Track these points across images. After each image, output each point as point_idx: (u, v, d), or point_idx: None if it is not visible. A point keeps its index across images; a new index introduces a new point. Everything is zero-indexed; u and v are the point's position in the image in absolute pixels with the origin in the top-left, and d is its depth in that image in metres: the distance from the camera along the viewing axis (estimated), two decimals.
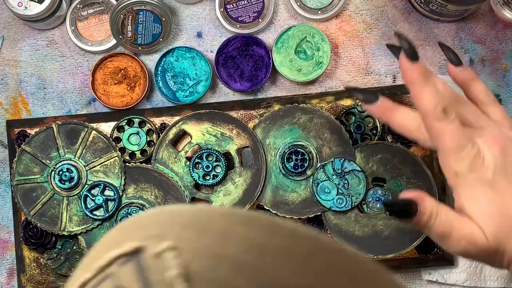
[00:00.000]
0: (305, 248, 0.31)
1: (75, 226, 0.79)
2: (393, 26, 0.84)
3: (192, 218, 0.32)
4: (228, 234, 0.31)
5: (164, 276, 0.29)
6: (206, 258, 0.29)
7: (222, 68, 0.82)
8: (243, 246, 0.30)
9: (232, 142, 0.80)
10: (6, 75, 0.84)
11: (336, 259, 0.32)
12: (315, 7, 0.83)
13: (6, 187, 0.83)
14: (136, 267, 0.30)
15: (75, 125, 0.80)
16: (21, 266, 0.80)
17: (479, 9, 0.84)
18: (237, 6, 0.82)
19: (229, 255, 0.30)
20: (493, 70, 0.83)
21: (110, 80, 0.82)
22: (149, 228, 0.31)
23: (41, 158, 0.79)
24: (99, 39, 0.84)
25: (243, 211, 0.32)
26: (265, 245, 0.30)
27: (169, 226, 0.31)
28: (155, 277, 0.29)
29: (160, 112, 0.81)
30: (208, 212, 0.32)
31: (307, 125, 0.80)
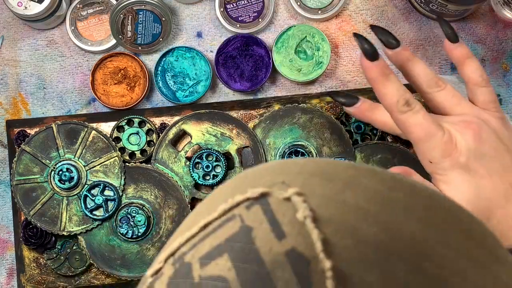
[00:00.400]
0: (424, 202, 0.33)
1: (75, 226, 0.79)
2: (393, 26, 0.84)
3: (317, 168, 0.33)
4: (353, 183, 0.32)
5: (294, 217, 0.30)
6: (332, 203, 0.31)
7: (222, 68, 0.82)
8: (367, 195, 0.32)
9: (232, 142, 0.80)
10: (5, 75, 0.84)
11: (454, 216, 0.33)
12: (315, 7, 0.83)
13: (6, 187, 0.83)
14: (263, 209, 0.31)
15: (75, 125, 0.80)
16: (21, 266, 0.80)
17: (479, 9, 0.84)
18: (237, 6, 0.82)
19: (353, 202, 0.31)
20: (493, 70, 0.83)
21: (110, 80, 0.82)
22: (273, 176, 0.33)
23: (41, 158, 0.79)
24: (99, 39, 0.84)
25: (367, 165, 0.34)
26: (387, 197, 0.32)
27: (294, 174, 0.33)
28: (284, 218, 0.31)
29: (160, 112, 0.81)
30: (333, 164, 0.34)
31: (307, 125, 0.79)
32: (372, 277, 0.29)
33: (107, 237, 0.79)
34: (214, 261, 0.31)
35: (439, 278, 0.30)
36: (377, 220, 0.31)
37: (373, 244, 0.30)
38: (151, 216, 0.80)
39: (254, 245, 0.30)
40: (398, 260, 0.30)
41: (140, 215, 0.79)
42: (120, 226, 0.79)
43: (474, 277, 0.32)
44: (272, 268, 0.29)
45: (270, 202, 0.32)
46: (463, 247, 0.32)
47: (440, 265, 0.31)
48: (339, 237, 0.30)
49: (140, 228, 0.79)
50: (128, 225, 0.79)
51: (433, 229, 0.32)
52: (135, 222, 0.79)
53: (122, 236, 0.79)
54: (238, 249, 0.31)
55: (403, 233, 0.31)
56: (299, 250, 0.30)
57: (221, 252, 0.31)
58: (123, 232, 0.79)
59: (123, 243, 0.79)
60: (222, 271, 0.30)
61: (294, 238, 0.30)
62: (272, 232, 0.31)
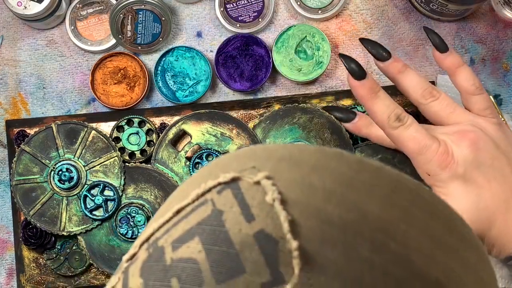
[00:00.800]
0: (389, 184, 0.34)
1: (75, 226, 0.79)
2: (393, 26, 0.84)
3: (286, 153, 0.34)
4: (320, 167, 0.33)
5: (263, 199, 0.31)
6: (299, 186, 0.32)
7: (222, 68, 0.82)
8: (333, 177, 0.33)
9: (232, 142, 0.79)
10: (5, 75, 0.84)
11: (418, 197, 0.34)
12: (315, 6, 0.82)
13: (6, 187, 0.83)
14: (233, 193, 0.32)
15: (74, 125, 0.80)
16: (21, 266, 0.80)
17: (480, 9, 0.84)
18: (237, 6, 0.82)
19: (320, 184, 0.32)
20: (493, 70, 0.83)
21: (109, 80, 0.82)
22: (244, 162, 0.34)
23: (40, 158, 0.79)
24: (99, 38, 0.84)
25: (334, 149, 0.35)
26: (354, 178, 0.33)
27: (264, 159, 0.34)
28: (253, 201, 0.32)
29: (159, 112, 0.81)
30: (301, 148, 0.35)
31: (307, 125, 0.79)
32: (335, 254, 0.30)
33: (107, 237, 0.79)
34: (185, 244, 0.32)
35: (402, 257, 0.31)
36: (343, 201, 0.32)
37: (338, 224, 0.31)
38: (151, 216, 0.79)
39: (224, 227, 0.31)
40: (362, 238, 0.31)
41: (140, 215, 0.79)
42: (120, 226, 0.79)
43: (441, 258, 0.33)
44: (241, 249, 0.30)
45: (241, 186, 0.33)
46: (427, 227, 0.33)
47: (403, 244, 0.32)
48: (305, 218, 0.31)
49: (140, 228, 0.79)
50: (128, 225, 0.79)
51: (397, 209, 0.33)
52: (135, 222, 0.79)
53: (122, 236, 0.79)
54: (208, 232, 0.32)
55: (367, 213, 0.32)
56: (267, 231, 0.31)
57: (193, 235, 0.32)
58: (123, 232, 0.79)
59: (123, 243, 0.79)
60: (193, 253, 0.31)
61: (263, 220, 0.31)
62: (242, 215, 0.32)
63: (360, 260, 0.31)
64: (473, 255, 0.35)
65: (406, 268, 0.31)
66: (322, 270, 0.30)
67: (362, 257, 0.31)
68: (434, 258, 0.32)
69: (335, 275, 0.30)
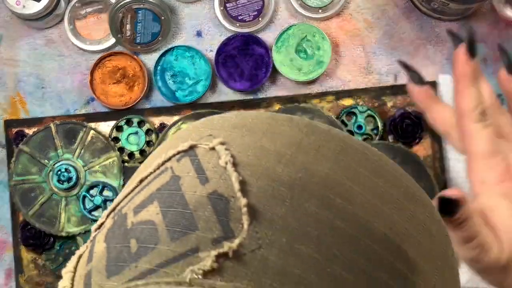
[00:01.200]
0: (336, 145, 0.36)
1: (74, 226, 0.79)
2: (394, 25, 0.83)
3: (240, 120, 0.37)
4: (271, 131, 0.36)
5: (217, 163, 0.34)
6: (251, 150, 0.35)
7: (222, 67, 0.81)
8: (283, 140, 0.35)
9: None
10: (4, 75, 0.84)
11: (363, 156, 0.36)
12: (316, 5, 0.82)
13: (4, 188, 0.83)
14: (191, 159, 0.35)
15: (73, 125, 0.79)
16: (19, 267, 0.80)
17: (481, 8, 0.83)
18: (237, 5, 0.82)
19: (271, 147, 0.35)
20: (495, 70, 0.83)
21: (108, 79, 0.82)
22: (201, 131, 0.37)
23: (39, 158, 0.79)
24: (98, 38, 0.83)
25: (285, 115, 0.37)
26: (303, 140, 0.35)
27: (219, 128, 0.37)
28: (208, 165, 0.34)
29: (159, 112, 0.81)
30: (254, 115, 0.37)
31: None
32: (283, 210, 0.32)
33: None
34: (145, 209, 0.34)
35: (347, 211, 0.33)
36: (292, 162, 0.34)
37: (287, 182, 0.33)
38: None
39: (180, 191, 0.34)
40: (309, 195, 0.33)
41: None
42: None
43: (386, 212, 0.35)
44: (195, 209, 0.33)
45: (197, 153, 0.35)
46: (371, 183, 0.35)
47: (349, 200, 0.34)
48: (255, 178, 0.33)
49: None
50: None
51: (342, 168, 0.35)
52: None
53: None
54: (166, 196, 0.34)
55: (315, 172, 0.34)
56: (220, 192, 0.33)
57: (152, 200, 0.34)
58: None
59: None
60: (151, 216, 0.33)
61: (216, 181, 0.33)
62: (197, 179, 0.34)
63: (306, 215, 0.33)
64: (420, 209, 0.36)
65: (352, 223, 0.33)
66: (270, 225, 0.32)
67: (309, 212, 0.33)
68: (379, 213, 0.34)
69: (282, 229, 0.32)
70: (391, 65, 0.83)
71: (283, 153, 0.35)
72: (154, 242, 0.33)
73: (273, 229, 0.32)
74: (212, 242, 0.32)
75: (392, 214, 0.35)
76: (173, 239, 0.32)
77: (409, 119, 0.80)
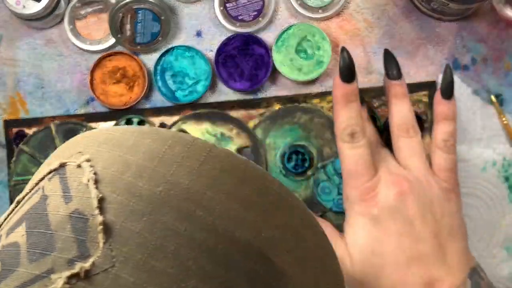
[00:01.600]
0: (201, 154, 0.35)
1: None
2: (394, 25, 0.83)
3: (108, 136, 0.37)
4: (135, 146, 0.35)
5: (80, 181, 0.34)
6: (115, 165, 0.34)
7: (222, 67, 0.81)
8: (146, 154, 0.35)
9: (232, 142, 0.79)
10: (3, 74, 0.84)
11: (228, 164, 0.36)
12: (316, 5, 0.82)
13: (4, 187, 0.83)
14: (60, 178, 0.35)
15: (73, 125, 0.79)
16: None
17: (481, 8, 0.83)
18: (237, 5, 0.82)
19: (134, 162, 0.34)
20: (495, 70, 0.83)
21: (108, 79, 0.82)
22: (73, 148, 0.37)
23: (39, 158, 0.79)
24: (98, 38, 0.83)
25: (153, 128, 0.37)
26: (166, 153, 0.35)
27: (89, 144, 0.36)
28: (73, 183, 0.34)
29: (159, 112, 0.81)
30: (123, 130, 0.37)
31: (307, 125, 0.79)
32: (140, 226, 0.32)
33: None
34: (15, 230, 0.34)
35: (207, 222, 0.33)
36: (153, 176, 0.34)
37: (146, 197, 0.33)
38: None
39: (46, 211, 0.33)
40: (168, 208, 0.33)
41: None
42: None
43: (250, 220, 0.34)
44: (56, 229, 0.32)
45: (66, 171, 0.35)
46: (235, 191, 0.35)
47: (208, 210, 0.33)
48: (116, 194, 0.33)
49: None
50: None
51: (205, 178, 0.34)
52: None
53: None
54: (33, 217, 0.34)
55: (176, 185, 0.34)
56: (80, 210, 0.33)
57: (21, 221, 0.34)
58: None
59: None
60: (17, 238, 0.33)
61: (79, 200, 0.33)
62: (62, 198, 0.34)
63: (164, 229, 0.32)
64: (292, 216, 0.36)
65: (211, 233, 0.33)
66: (125, 242, 0.32)
67: (167, 226, 0.32)
68: (242, 221, 0.34)
69: (138, 245, 0.32)
70: None
71: (145, 166, 0.34)
72: (15, 265, 0.33)
73: (128, 246, 0.32)
74: (68, 262, 0.31)
75: (257, 221, 0.34)
76: (31, 261, 0.32)
77: None
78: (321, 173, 0.78)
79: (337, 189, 0.78)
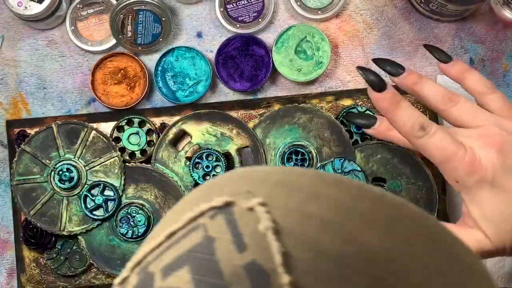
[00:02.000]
0: (390, 213, 0.32)
1: (75, 226, 0.79)
2: (393, 26, 0.84)
3: (282, 177, 0.33)
4: (317, 194, 0.32)
5: (255, 228, 0.30)
6: (295, 215, 0.30)
7: (222, 68, 0.82)
8: (331, 206, 0.31)
9: (232, 142, 0.80)
10: (5, 75, 0.84)
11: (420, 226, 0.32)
12: (315, 7, 0.83)
13: (6, 187, 0.83)
14: (226, 219, 0.31)
15: (75, 125, 0.80)
16: (21, 266, 0.80)
17: (479, 9, 0.84)
18: (237, 6, 0.82)
19: (317, 213, 0.31)
20: (493, 70, 0.83)
21: (110, 80, 0.82)
22: (239, 185, 0.33)
23: (40, 158, 0.79)
24: (99, 39, 0.84)
25: (332, 174, 0.34)
26: (353, 207, 0.31)
27: (259, 184, 0.32)
28: (246, 228, 0.30)
29: (160, 112, 0.81)
30: (299, 173, 0.33)
31: (307, 125, 0.79)
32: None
33: (107, 237, 0.79)
34: (175, 272, 0.31)
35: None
36: (340, 231, 0.30)
37: (334, 257, 0.30)
38: (151, 216, 0.80)
39: (214, 256, 0.30)
40: (360, 273, 0.29)
41: (140, 215, 0.79)
42: (120, 226, 0.79)
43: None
44: (231, 282, 0.29)
45: (234, 212, 0.31)
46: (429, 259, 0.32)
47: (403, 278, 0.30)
48: (299, 250, 0.30)
49: (140, 228, 0.79)
50: (128, 225, 0.79)
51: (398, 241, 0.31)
52: (135, 222, 0.79)
53: (122, 236, 0.79)
54: (199, 261, 0.30)
55: (366, 246, 0.30)
56: (258, 263, 0.29)
57: (183, 263, 0.31)
58: (123, 232, 0.79)
59: (123, 243, 0.79)
60: (181, 283, 0.30)
61: (255, 250, 0.30)
62: (234, 244, 0.30)
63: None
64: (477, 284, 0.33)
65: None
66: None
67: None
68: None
69: None
70: None
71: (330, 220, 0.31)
72: None
73: None
74: None
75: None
76: None
77: None
78: None
79: None
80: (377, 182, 0.79)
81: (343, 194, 0.32)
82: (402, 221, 0.32)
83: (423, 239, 0.32)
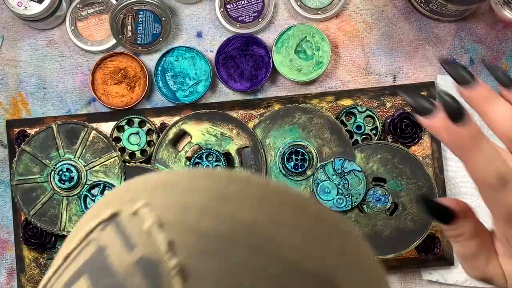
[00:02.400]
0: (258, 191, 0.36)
1: (75, 226, 0.79)
2: (393, 26, 0.84)
3: (160, 179, 0.37)
4: (192, 187, 0.35)
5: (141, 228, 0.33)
6: (175, 208, 0.34)
7: (222, 68, 0.82)
8: (205, 194, 0.35)
9: (232, 142, 0.80)
10: (6, 75, 0.84)
11: (286, 199, 0.36)
12: (315, 6, 0.83)
13: (6, 187, 0.83)
14: (115, 228, 0.34)
15: (75, 125, 0.80)
16: (21, 266, 0.80)
17: (479, 9, 0.84)
18: (237, 6, 0.82)
19: (194, 203, 0.34)
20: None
21: (110, 80, 0.82)
22: (122, 196, 0.36)
23: (41, 158, 0.79)
24: (99, 39, 0.84)
25: (205, 169, 0.38)
26: (225, 191, 0.35)
27: (140, 190, 0.36)
28: (134, 230, 0.33)
29: (160, 112, 0.81)
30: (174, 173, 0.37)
31: (307, 125, 0.79)
32: (214, 265, 0.32)
33: None
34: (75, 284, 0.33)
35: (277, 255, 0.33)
36: (216, 214, 0.34)
37: (214, 236, 0.33)
38: None
39: (108, 261, 0.33)
40: (238, 245, 0.33)
41: None
42: None
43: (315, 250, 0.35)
44: (125, 278, 0.32)
45: (121, 219, 0.34)
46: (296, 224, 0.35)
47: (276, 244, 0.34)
48: (183, 236, 0.33)
49: None
50: None
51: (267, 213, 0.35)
52: None
53: None
54: (95, 268, 0.33)
55: (240, 222, 0.34)
56: (147, 257, 0.32)
57: (81, 274, 0.33)
58: None
59: None
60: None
61: (143, 246, 0.32)
62: (124, 246, 0.33)
63: (238, 266, 0.32)
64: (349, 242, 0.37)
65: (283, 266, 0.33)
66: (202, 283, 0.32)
67: (240, 262, 0.32)
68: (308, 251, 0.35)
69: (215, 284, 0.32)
70: (390, 65, 0.84)
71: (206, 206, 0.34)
72: None
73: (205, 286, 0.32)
74: None
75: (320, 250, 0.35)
76: None
77: (408, 119, 0.80)
78: (321, 173, 0.79)
79: (337, 189, 0.78)
80: (377, 182, 0.79)
81: (214, 183, 0.36)
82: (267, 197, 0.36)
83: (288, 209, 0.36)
